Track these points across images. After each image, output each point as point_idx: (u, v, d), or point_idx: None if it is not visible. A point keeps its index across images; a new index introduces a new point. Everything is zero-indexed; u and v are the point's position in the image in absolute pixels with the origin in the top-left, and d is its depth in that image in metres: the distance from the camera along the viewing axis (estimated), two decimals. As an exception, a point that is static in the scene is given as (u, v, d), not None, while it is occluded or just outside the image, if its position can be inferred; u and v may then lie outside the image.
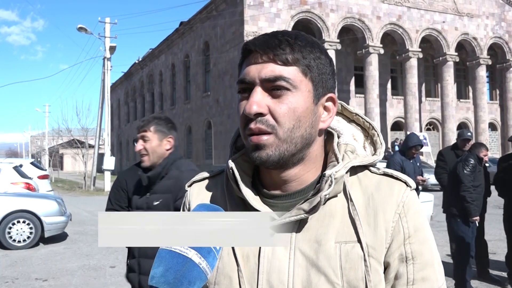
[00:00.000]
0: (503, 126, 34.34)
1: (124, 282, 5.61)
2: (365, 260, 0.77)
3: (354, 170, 0.86)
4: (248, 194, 0.83)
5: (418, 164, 6.09)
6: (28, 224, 8.23)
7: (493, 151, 33.06)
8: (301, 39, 0.80)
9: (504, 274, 5.67)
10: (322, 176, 0.80)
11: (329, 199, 0.82)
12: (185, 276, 0.69)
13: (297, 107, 0.78)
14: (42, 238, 8.38)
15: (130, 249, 3.23)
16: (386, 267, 0.81)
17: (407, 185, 0.84)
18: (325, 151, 0.89)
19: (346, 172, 0.83)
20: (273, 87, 0.78)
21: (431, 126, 32.65)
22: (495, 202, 11.57)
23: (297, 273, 0.79)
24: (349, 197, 0.82)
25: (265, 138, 0.78)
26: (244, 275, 0.82)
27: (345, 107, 0.94)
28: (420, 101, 31.01)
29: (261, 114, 0.77)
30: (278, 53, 0.78)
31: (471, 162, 5.06)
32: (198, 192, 0.95)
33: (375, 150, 0.90)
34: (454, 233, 5.17)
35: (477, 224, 5.17)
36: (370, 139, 0.92)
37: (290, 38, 0.79)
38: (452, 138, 29.00)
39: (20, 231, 8.17)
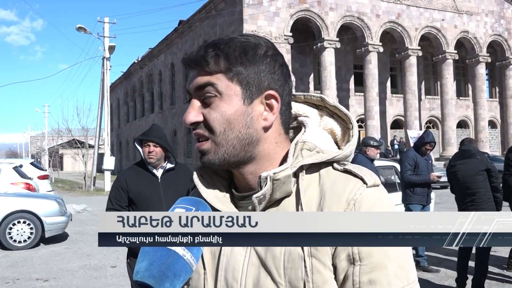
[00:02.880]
0: (502, 123, 34.34)
1: (125, 282, 5.62)
2: (304, 261, 0.77)
3: (318, 167, 0.84)
4: (210, 195, 0.85)
5: (430, 161, 6.13)
6: (29, 224, 8.22)
7: (493, 148, 33.05)
8: (231, 44, 0.83)
9: (504, 270, 5.68)
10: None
11: (283, 199, 0.83)
12: (169, 268, 0.69)
13: (225, 111, 0.82)
14: (42, 239, 8.38)
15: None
16: (336, 268, 0.78)
17: (363, 182, 0.80)
18: None
19: (303, 170, 0.83)
20: (203, 96, 0.83)
21: (431, 124, 32.65)
22: (495, 199, 11.56)
23: (250, 271, 0.80)
24: (299, 197, 0.81)
25: (204, 144, 0.84)
26: (209, 271, 0.85)
27: (326, 100, 0.93)
28: (419, 99, 31.00)
29: (197, 123, 0.83)
30: (202, 65, 0.82)
31: None
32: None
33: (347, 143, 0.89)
34: None
35: None
36: (349, 131, 0.91)
37: (216, 46, 0.83)
38: (451, 136, 29.04)
39: (21, 231, 8.17)
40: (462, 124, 33.50)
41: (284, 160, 0.86)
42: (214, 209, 0.83)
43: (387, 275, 0.75)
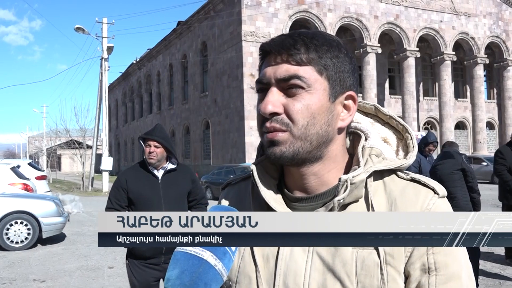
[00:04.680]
0: (500, 125, 34.41)
1: (122, 283, 5.61)
2: (381, 268, 0.75)
3: (381, 175, 0.84)
4: (267, 195, 0.83)
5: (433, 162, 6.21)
6: (26, 225, 8.20)
7: (491, 150, 33.09)
8: (318, 38, 0.80)
9: (501, 271, 5.69)
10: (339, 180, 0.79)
11: (350, 203, 0.81)
12: (201, 277, 0.69)
13: (311, 104, 0.78)
14: (40, 239, 8.35)
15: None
16: (407, 276, 0.78)
17: (434, 192, 0.81)
18: (351, 153, 0.88)
19: (370, 176, 0.82)
20: (288, 86, 0.78)
21: (429, 125, 32.69)
22: (493, 200, 11.59)
23: (313, 277, 0.78)
24: (370, 202, 0.80)
25: (279, 134, 0.78)
26: (263, 276, 0.82)
27: (379, 109, 0.92)
28: (418, 101, 31.05)
29: (276, 114, 0.78)
30: (292, 53, 0.78)
31: None
32: (227, 194, 0.96)
33: (407, 153, 0.88)
34: None
35: None
36: (404, 142, 0.90)
37: (306, 37, 0.79)
38: (450, 137, 29.07)
39: (18, 232, 8.15)
40: (460, 125, 33.57)
41: (349, 164, 0.86)
42: (270, 209, 0.81)
43: (461, 285, 0.77)
